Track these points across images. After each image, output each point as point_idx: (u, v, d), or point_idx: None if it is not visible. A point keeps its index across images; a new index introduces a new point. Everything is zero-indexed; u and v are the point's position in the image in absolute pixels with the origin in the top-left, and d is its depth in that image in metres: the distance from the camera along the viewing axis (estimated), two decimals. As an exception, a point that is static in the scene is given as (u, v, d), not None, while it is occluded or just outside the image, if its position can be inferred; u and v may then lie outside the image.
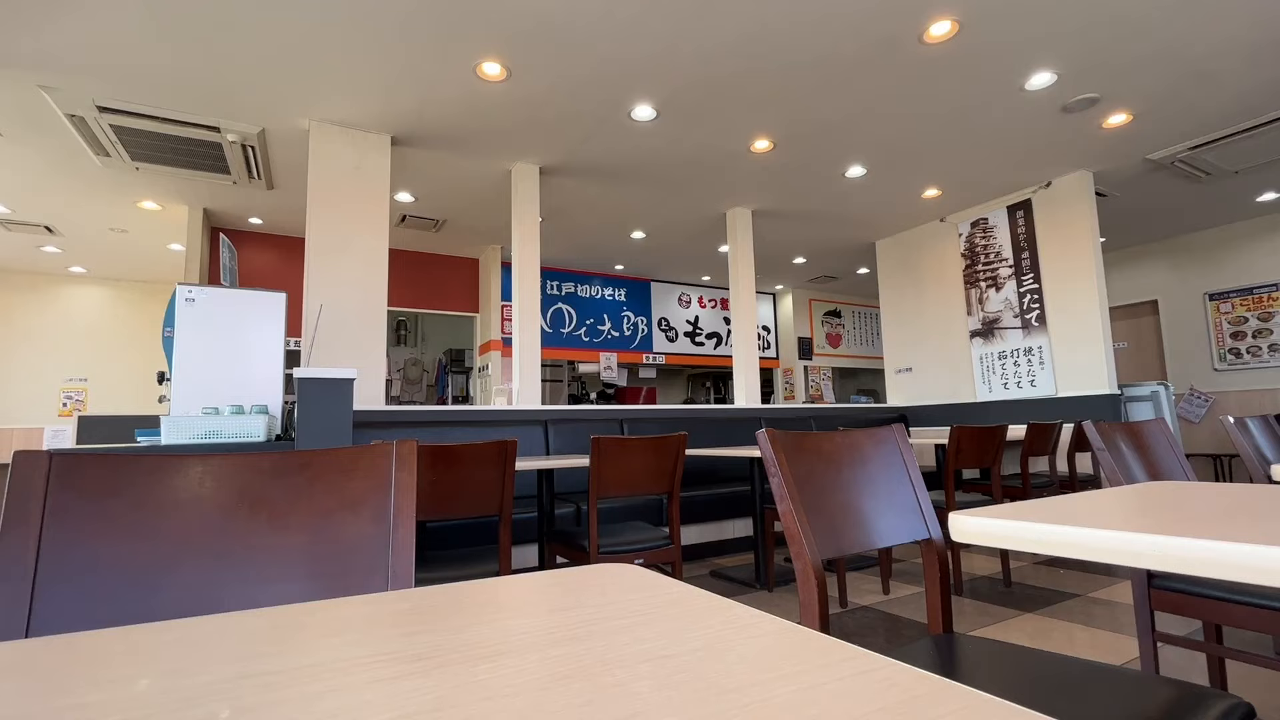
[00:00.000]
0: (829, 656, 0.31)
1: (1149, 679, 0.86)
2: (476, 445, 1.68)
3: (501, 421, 3.70)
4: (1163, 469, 1.61)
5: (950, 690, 0.26)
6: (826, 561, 3.40)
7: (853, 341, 8.89)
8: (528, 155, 4.20)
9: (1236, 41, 3.14)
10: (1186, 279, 6.59)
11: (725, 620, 0.38)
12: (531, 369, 4.23)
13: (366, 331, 3.72)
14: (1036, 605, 2.68)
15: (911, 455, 1.20)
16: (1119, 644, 2.19)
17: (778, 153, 4.26)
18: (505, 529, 1.75)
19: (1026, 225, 5.01)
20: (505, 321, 6.36)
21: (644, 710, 0.26)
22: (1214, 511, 0.65)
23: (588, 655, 0.33)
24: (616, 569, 0.55)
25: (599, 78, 3.31)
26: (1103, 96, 3.64)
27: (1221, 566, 0.48)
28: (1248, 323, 6.15)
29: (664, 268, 7.16)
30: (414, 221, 5.37)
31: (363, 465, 0.80)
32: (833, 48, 3.11)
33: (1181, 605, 1.39)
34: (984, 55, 3.21)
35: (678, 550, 2.23)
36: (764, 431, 1.03)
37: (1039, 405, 4.88)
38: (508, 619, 0.42)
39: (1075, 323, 4.70)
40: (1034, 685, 0.85)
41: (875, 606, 2.73)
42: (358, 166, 3.79)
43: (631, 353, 7.35)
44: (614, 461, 2.10)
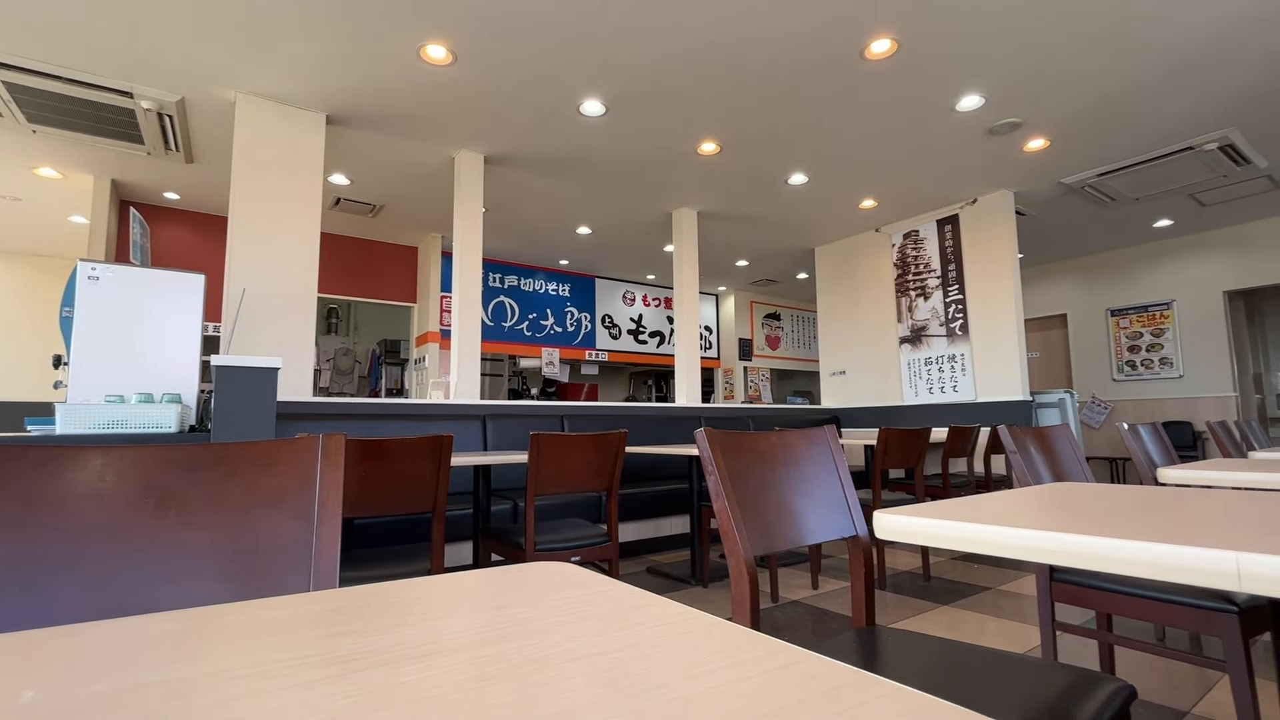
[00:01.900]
0: (753, 651, 0.32)
1: (1047, 665, 0.92)
2: (410, 440, 1.63)
3: (438, 415, 3.61)
4: (1066, 471, 1.74)
5: (865, 680, 0.27)
6: (760, 557, 3.49)
7: (791, 344, 9.15)
8: (472, 143, 4.10)
9: (1140, 79, 3.42)
10: (1092, 295, 7.12)
11: (656, 617, 0.38)
12: (471, 362, 4.14)
13: (294, 318, 3.54)
14: (953, 598, 2.84)
15: (842, 456, 1.25)
16: (1024, 633, 2.35)
17: (724, 156, 4.33)
18: (438, 526, 1.71)
19: (954, 239, 5.29)
20: (444, 313, 6.19)
21: (571, 709, 0.26)
22: (1108, 511, 0.70)
23: (517, 655, 0.33)
24: (550, 567, 0.54)
25: (548, 69, 3.27)
26: (1024, 122, 3.89)
27: (1112, 561, 0.53)
28: (1142, 337, 6.71)
29: (609, 264, 7.16)
30: (349, 205, 5.15)
31: (285, 459, 0.76)
32: (779, 59, 3.18)
33: (1079, 597, 1.50)
34: (920, 75, 3.36)
35: (615, 548, 2.23)
36: (702, 431, 1.05)
37: (960, 409, 5.17)
38: (436, 619, 0.41)
39: (994, 333, 5.00)
40: (946, 673, 0.90)
41: (805, 601, 2.82)
42: (290, 145, 3.60)
43: (574, 349, 7.31)
44: (553, 458, 2.09)
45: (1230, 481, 1.32)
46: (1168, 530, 0.56)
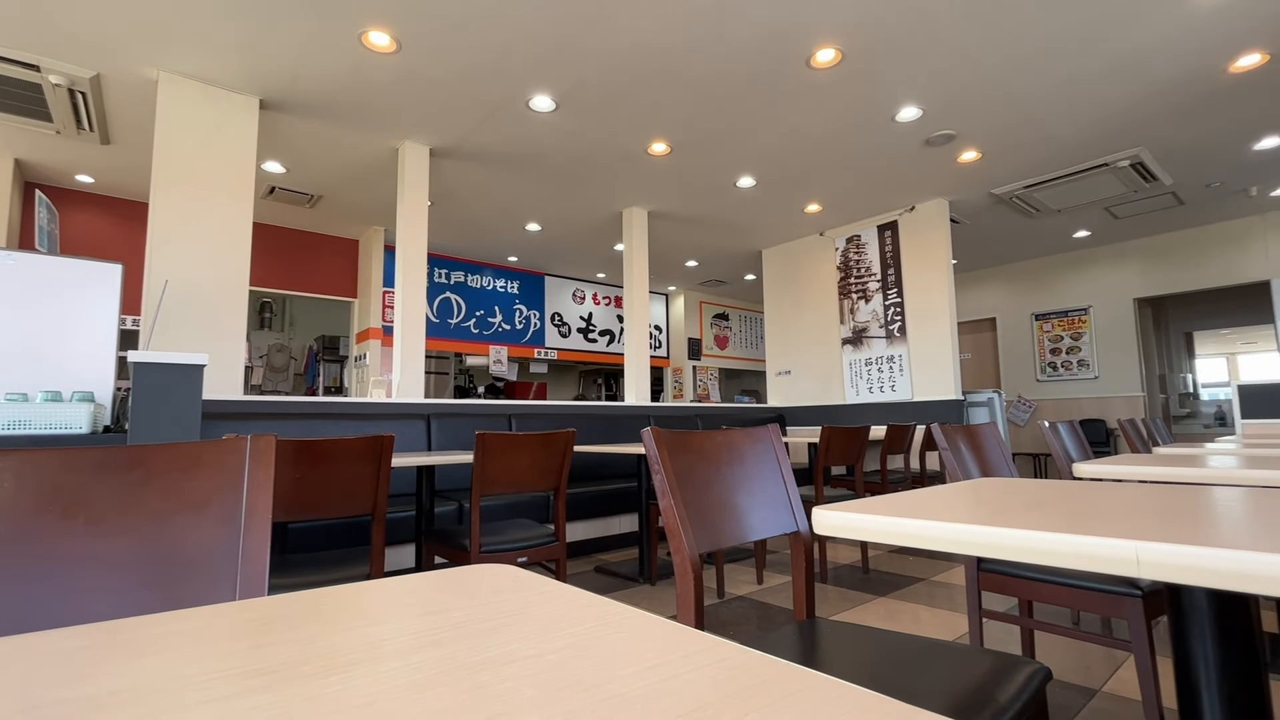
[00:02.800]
0: (688, 648, 0.32)
1: (974, 651, 0.97)
2: (348, 440, 1.57)
3: (379, 415, 3.49)
4: (993, 466, 1.84)
5: (792, 672, 0.28)
6: (707, 554, 3.54)
7: (739, 344, 9.31)
8: (417, 134, 3.99)
9: (1061, 99, 3.64)
10: (1019, 300, 7.54)
11: (595, 617, 0.38)
12: (414, 360, 4.03)
13: (223, 312, 3.36)
14: (889, 589, 2.95)
15: (784, 454, 1.28)
16: (955, 621, 2.46)
17: (674, 157, 4.36)
18: (378, 529, 1.66)
19: (893, 244, 5.50)
20: (387, 308, 6.00)
21: (504, 712, 0.26)
22: (1028, 504, 0.74)
23: (451, 659, 0.32)
24: (490, 569, 0.53)
25: (496, 62, 3.21)
26: (958, 134, 4.08)
27: (1029, 552, 0.56)
28: (1063, 340, 7.15)
29: (559, 262, 7.10)
30: (284, 195, 4.92)
31: (209, 462, 0.72)
32: (728, 64, 3.23)
33: (1003, 585, 1.59)
34: (862, 85, 3.48)
35: (562, 547, 2.22)
36: (649, 430, 1.05)
37: (898, 408, 5.38)
38: (369, 625, 0.39)
39: (930, 335, 5.23)
40: (880, 662, 0.94)
41: (750, 596, 2.88)
42: (218, 128, 3.41)
43: (523, 347, 7.22)
44: (499, 458, 2.06)
45: (1136, 475, 1.42)
46: (1079, 522, 0.59)
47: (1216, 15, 2.91)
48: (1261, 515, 0.60)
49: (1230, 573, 0.44)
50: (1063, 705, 1.73)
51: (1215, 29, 3.02)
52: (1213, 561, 0.44)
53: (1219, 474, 1.25)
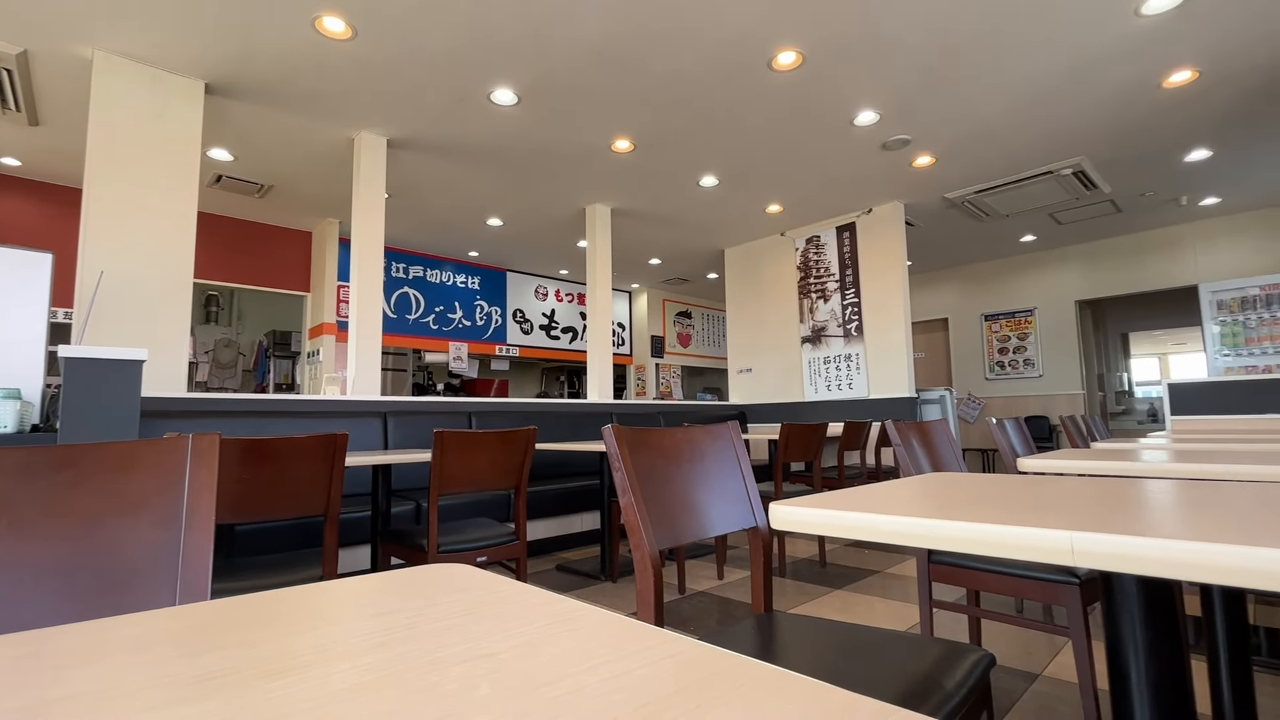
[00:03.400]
0: (641, 643, 0.32)
1: (924, 640, 1.01)
2: (299, 439, 1.52)
3: (333, 413, 3.39)
4: (943, 462, 1.90)
5: (742, 664, 0.28)
6: (669, 550, 3.56)
7: (701, 342, 9.39)
8: (374, 125, 3.89)
9: (1009, 108, 3.78)
10: (969, 301, 7.82)
11: (550, 615, 0.38)
12: (370, 356, 3.93)
13: (165, 306, 3.21)
14: (846, 582, 3.02)
15: (744, 450, 1.29)
16: (907, 611, 2.54)
17: (638, 154, 4.36)
18: (331, 530, 1.61)
19: (851, 245, 5.63)
20: (342, 303, 5.83)
21: (454, 712, 0.25)
22: (975, 498, 0.77)
23: (401, 660, 0.32)
24: (445, 569, 0.52)
25: (457, 53, 3.15)
26: (914, 139, 4.19)
27: (974, 544, 0.58)
28: (1010, 340, 7.45)
29: (521, 258, 7.02)
30: (232, 184, 4.73)
31: (146, 462, 0.69)
32: (691, 63, 3.25)
33: (952, 576, 1.64)
34: (823, 89, 3.54)
35: (523, 546, 2.20)
36: (609, 427, 1.05)
37: (854, 405, 5.52)
38: (316, 628, 0.38)
39: (885, 334, 5.37)
40: (835, 653, 0.96)
41: (710, 591, 2.91)
42: (159, 113, 3.25)
43: (484, 343, 7.12)
44: (458, 456, 2.02)
45: (1075, 469, 1.49)
46: (1020, 514, 0.62)
47: (1153, 33, 3.07)
48: (1186, 506, 0.63)
49: (1156, 560, 0.46)
50: (1006, 690, 1.81)
51: (1152, 46, 3.18)
52: (1140, 550, 0.47)
53: (1150, 467, 1.32)
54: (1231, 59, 3.31)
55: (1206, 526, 0.51)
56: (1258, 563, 0.43)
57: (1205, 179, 5.06)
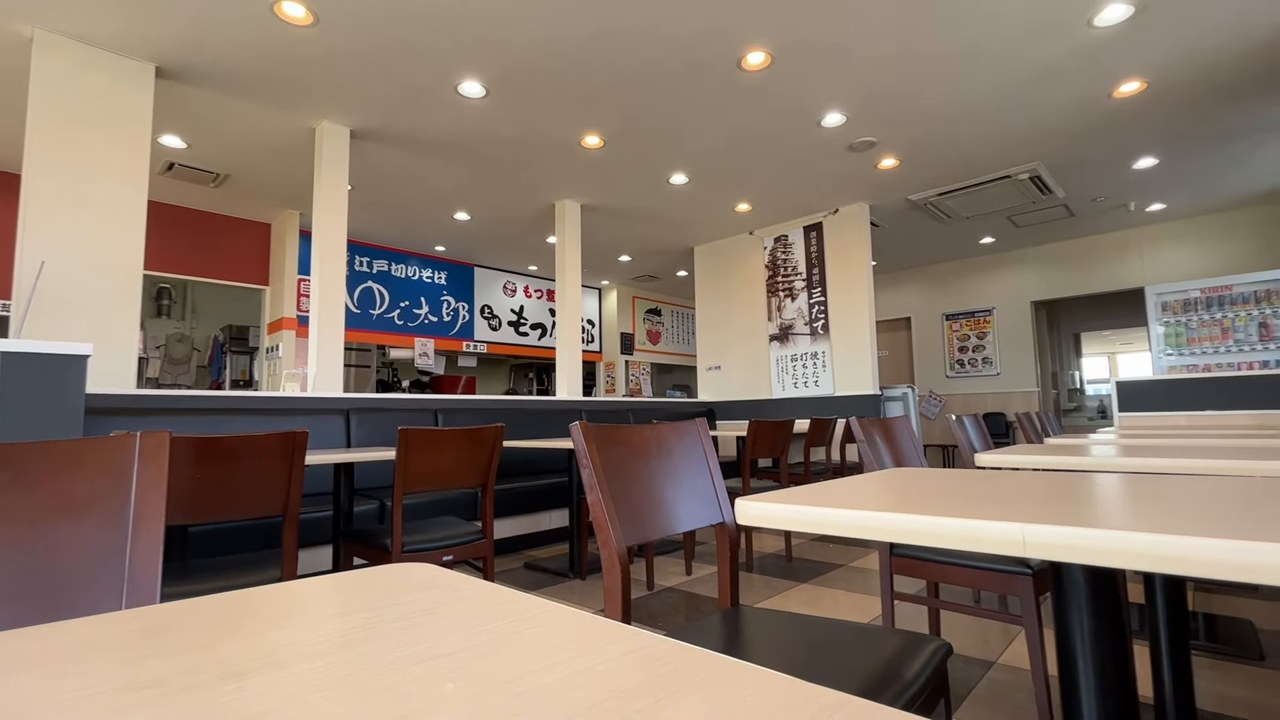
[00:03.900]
0: (603, 639, 0.32)
1: (885, 631, 1.03)
2: (257, 436, 1.47)
3: (293, 410, 3.30)
4: (905, 457, 1.95)
5: (703, 658, 0.28)
6: (638, 547, 3.57)
7: (671, 339, 9.42)
8: (337, 114, 3.79)
9: (970, 113, 3.89)
10: (931, 301, 8.02)
11: (511, 613, 0.37)
12: (332, 352, 3.84)
13: (112, 298, 3.08)
14: (811, 576, 3.08)
15: (711, 447, 1.30)
16: (870, 604, 2.60)
17: (608, 150, 4.35)
18: (290, 530, 1.57)
19: (818, 245, 5.71)
20: (302, 297, 5.68)
21: (412, 712, 0.25)
22: (933, 492, 0.79)
23: (359, 661, 0.31)
24: (407, 568, 0.52)
25: (422, 42, 3.09)
26: (879, 141, 4.28)
27: (933, 536, 0.60)
28: (970, 340, 7.67)
29: (489, 253, 6.94)
30: (186, 173, 4.56)
31: (90, 462, 0.66)
32: (661, 59, 3.25)
33: (913, 569, 1.69)
34: (791, 89, 3.58)
35: (490, 544, 2.18)
36: (577, 424, 1.05)
37: (820, 402, 5.61)
38: (271, 630, 0.37)
39: (850, 333, 5.47)
40: (799, 645, 0.98)
41: (679, 587, 2.93)
42: (105, 96, 3.11)
43: (451, 340, 7.02)
44: (423, 454, 1.99)
45: (1029, 464, 1.54)
46: (977, 508, 0.64)
47: (1105, 44, 3.19)
48: (1130, 499, 0.66)
49: (1101, 550, 0.48)
50: (963, 678, 1.86)
51: (1104, 57, 3.30)
52: (1087, 541, 0.49)
53: (1098, 462, 1.38)
54: (1176, 71, 3.46)
55: (1149, 518, 0.54)
56: (1196, 552, 0.45)
57: (1152, 185, 5.29)
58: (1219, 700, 1.69)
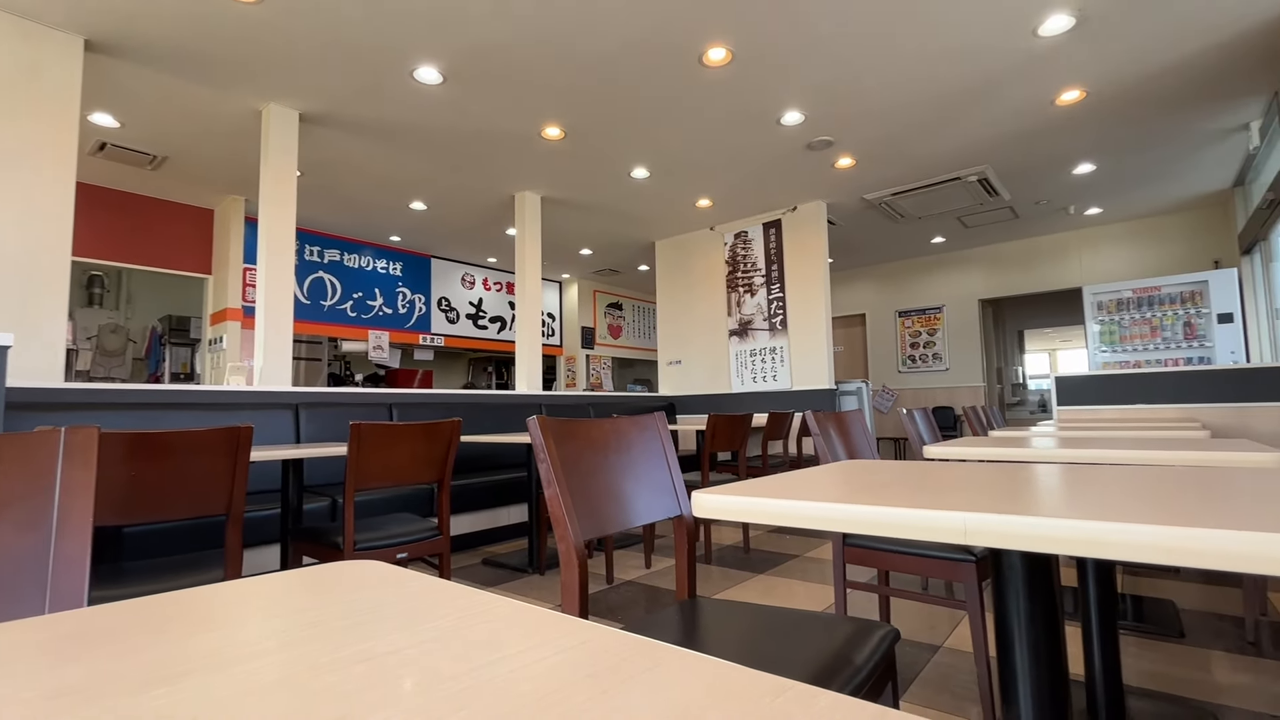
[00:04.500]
0: (551, 632, 0.32)
1: (838, 619, 1.06)
2: (198, 432, 1.41)
3: (238, 405, 3.18)
4: (858, 450, 2.00)
5: (651, 648, 0.28)
6: (597, 541, 3.57)
7: (632, 334, 9.43)
8: (285, 97, 3.64)
9: (922, 116, 4.00)
10: (885, 298, 8.24)
11: (461, 609, 0.37)
12: (280, 344, 3.70)
13: (37, 285, 2.89)
14: (768, 567, 3.13)
15: (670, 441, 1.31)
16: (824, 593, 2.67)
17: (569, 142, 4.31)
18: (234, 529, 1.51)
19: (777, 241, 5.80)
20: (248, 287, 5.46)
21: (351, 713, 0.24)
22: (883, 483, 0.81)
23: (300, 661, 0.30)
24: (355, 565, 0.50)
25: (376, 24, 3.00)
26: (836, 141, 4.36)
27: (880, 525, 0.61)
28: (921, 336, 7.92)
29: (447, 244, 6.80)
30: (119, 154, 4.31)
31: (8, 459, 0.62)
32: (623, 50, 3.23)
33: (864, 558, 1.74)
34: (751, 86, 3.62)
35: (446, 541, 2.14)
36: (534, 418, 1.04)
37: (778, 397, 5.71)
38: (207, 631, 0.36)
39: (808, 328, 5.58)
40: (754, 634, 0.99)
41: (638, 580, 2.94)
42: (29, 69, 2.91)
43: (407, 332, 6.85)
44: (377, 449, 1.94)
45: (974, 455, 1.60)
46: (923, 498, 0.66)
47: (1049, 54, 3.33)
48: (1065, 488, 0.70)
49: (1036, 537, 0.51)
50: (911, 662, 1.93)
51: (1047, 66, 3.44)
52: (1023, 528, 0.51)
53: (1037, 453, 1.44)
54: (1113, 82, 3.64)
55: (1080, 506, 0.56)
56: (1124, 536, 0.47)
57: (1090, 190, 5.55)
58: (1144, 676, 1.80)
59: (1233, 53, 3.36)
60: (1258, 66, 3.50)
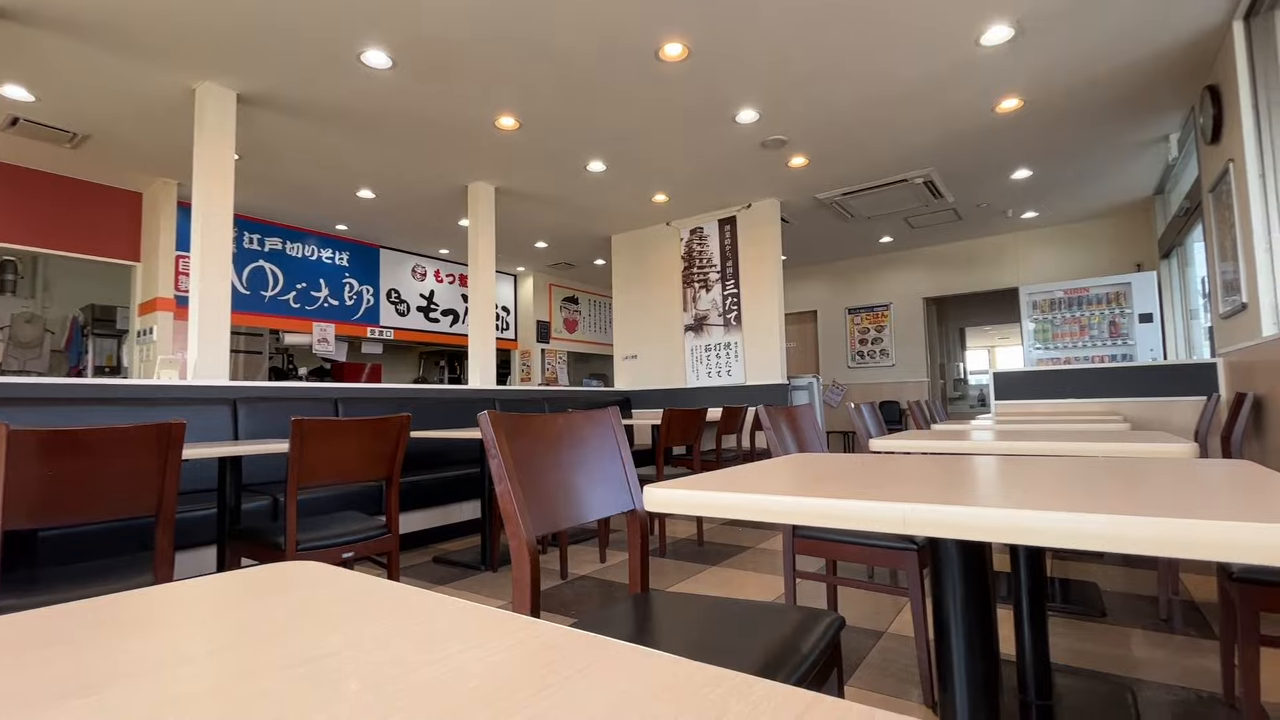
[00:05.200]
0: (495, 630, 0.31)
1: (788, 608, 1.08)
2: (121, 428, 1.33)
3: (170, 400, 3.01)
4: (808, 443, 2.05)
5: (594, 643, 0.28)
6: (551, 536, 3.55)
7: (588, 328, 9.39)
8: (221, 75, 3.46)
9: (870, 118, 4.11)
10: (836, 295, 8.46)
11: (403, 609, 0.36)
12: (216, 336, 3.53)
13: (-56, 272, 2.67)
14: (721, 559, 3.18)
15: (624, 435, 1.31)
16: (775, 583, 2.73)
17: (524, 133, 4.24)
18: (165, 531, 1.43)
19: (731, 238, 5.87)
20: (181, 275, 5.18)
21: (282, 718, 0.23)
22: (830, 475, 0.84)
23: (229, 668, 0.29)
24: (294, 567, 0.48)
25: (320, 2, 2.88)
26: (790, 140, 4.44)
27: (824, 516, 0.63)
28: (869, 333, 8.17)
29: (397, 234, 6.61)
30: (33, 130, 4.01)
31: (-98, 457, 0.57)
32: (579, 41, 3.20)
33: (813, 548, 1.78)
34: (707, 83, 3.64)
35: (395, 539, 2.09)
36: (486, 413, 1.02)
37: (732, 391, 5.79)
38: (127, 639, 0.34)
39: (761, 324, 5.68)
40: (705, 626, 1.01)
41: (592, 575, 2.94)
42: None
43: (354, 325, 6.64)
44: (320, 446, 1.87)
45: (917, 448, 1.66)
46: (867, 489, 0.68)
47: (990, 63, 3.47)
48: (998, 479, 0.73)
49: (970, 526, 0.53)
50: (856, 647, 2.00)
51: (988, 74, 3.59)
52: (957, 518, 0.53)
53: (975, 446, 1.51)
54: (1049, 91, 3.82)
55: (1012, 496, 0.59)
56: (1050, 524, 0.50)
57: (1026, 195, 5.83)
58: (1070, 654, 1.91)
59: (1156, 69, 3.58)
60: (1178, 82, 3.74)
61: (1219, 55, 3.40)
